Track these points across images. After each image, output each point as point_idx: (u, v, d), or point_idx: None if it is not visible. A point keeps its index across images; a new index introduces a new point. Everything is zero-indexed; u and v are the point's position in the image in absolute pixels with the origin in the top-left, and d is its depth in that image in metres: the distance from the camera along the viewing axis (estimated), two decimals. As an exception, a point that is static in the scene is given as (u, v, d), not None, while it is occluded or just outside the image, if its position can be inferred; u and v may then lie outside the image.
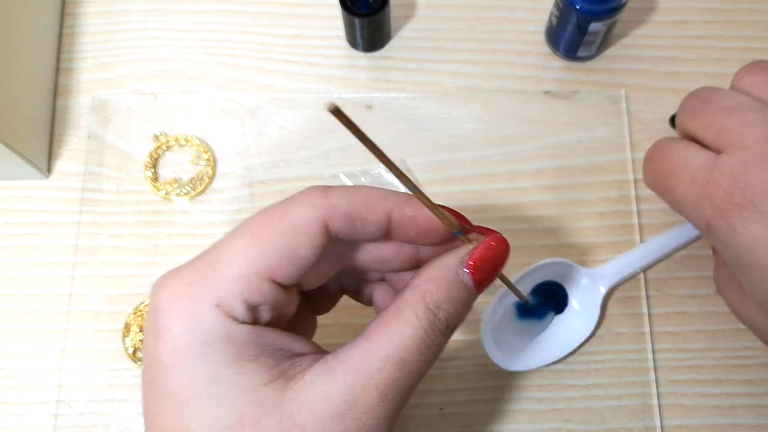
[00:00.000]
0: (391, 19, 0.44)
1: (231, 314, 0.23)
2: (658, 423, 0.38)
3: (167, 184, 0.42)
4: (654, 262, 0.40)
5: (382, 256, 0.27)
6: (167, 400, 0.23)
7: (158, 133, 0.43)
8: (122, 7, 0.46)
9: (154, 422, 0.24)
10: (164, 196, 0.42)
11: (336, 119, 0.19)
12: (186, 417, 0.23)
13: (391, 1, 0.42)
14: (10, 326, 0.39)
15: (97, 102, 0.44)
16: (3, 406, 0.38)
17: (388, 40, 0.45)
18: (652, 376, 0.38)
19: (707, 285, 0.40)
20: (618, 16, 0.40)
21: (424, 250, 0.27)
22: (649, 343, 0.39)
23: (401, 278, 0.28)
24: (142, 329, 0.39)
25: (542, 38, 0.45)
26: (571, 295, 0.39)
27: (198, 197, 0.42)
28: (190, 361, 0.23)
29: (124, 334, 0.39)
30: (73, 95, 0.44)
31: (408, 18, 0.46)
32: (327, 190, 0.24)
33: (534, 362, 0.38)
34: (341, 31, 0.45)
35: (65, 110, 0.44)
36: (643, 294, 0.40)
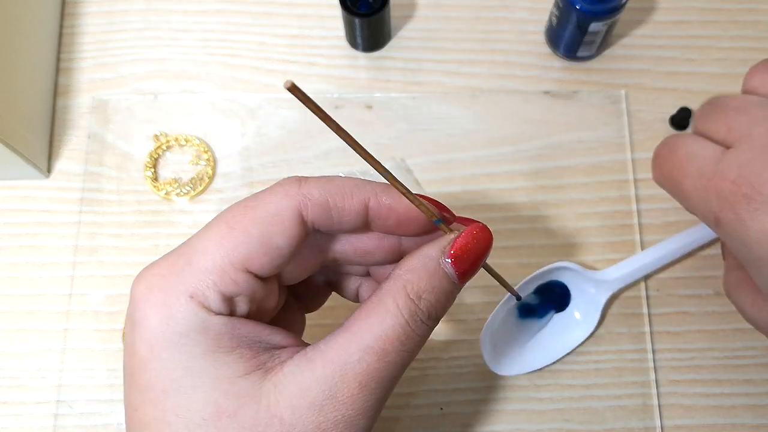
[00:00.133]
0: (391, 19, 0.44)
1: (205, 305, 0.23)
2: (658, 423, 0.38)
3: (167, 184, 0.42)
4: (661, 268, 0.40)
5: (364, 248, 0.27)
6: (145, 393, 0.23)
7: (158, 133, 0.43)
8: (122, 7, 0.46)
9: (133, 415, 0.23)
10: (164, 196, 0.42)
11: (295, 97, 0.19)
12: (163, 409, 0.23)
13: (391, 1, 0.42)
14: (10, 326, 0.39)
15: (97, 102, 0.44)
16: (3, 406, 0.38)
17: (388, 40, 0.45)
18: (652, 376, 0.38)
19: (707, 285, 0.40)
20: (618, 16, 0.40)
21: (407, 242, 0.27)
22: (649, 343, 0.39)
23: (386, 272, 0.28)
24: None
25: (542, 38, 0.45)
26: (573, 296, 0.39)
27: (198, 197, 0.42)
28: (165, 353, 0.23)
29: (123, 334, 0.39)
30: (73, 95, 0.44)
31: (408, 18, 0.46)
32: (302, 181, 0.24)
33: (530, 365, 0.38)
34: (341, 31, 0.45)
35: (65, 110, 0.44)
36: (643, 294, 0.40)
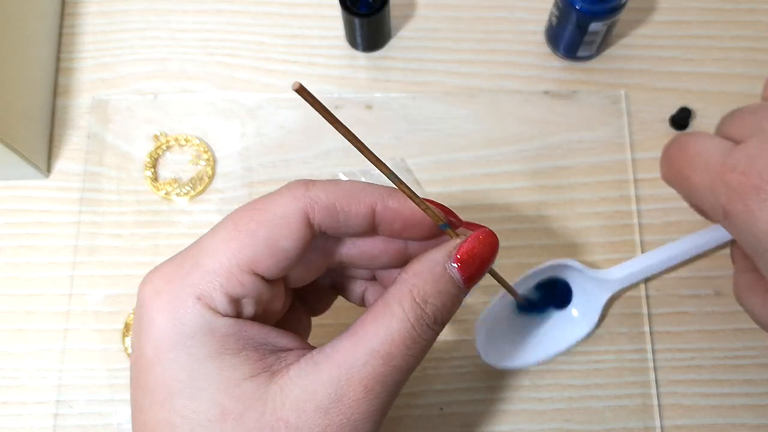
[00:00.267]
0: (391, 19, 0.44)
1: (212, 307, 0.23)
2: (658, 423, 0.38)
3: (167, 184, 0.42)
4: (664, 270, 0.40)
5: (370, 252, 0.27)
6: (151, 394, 0.23)
7: (158, 133, 0.43)
8: (122, 7, 0.46)
9: (139, 416, 0.23)
10: (164, 196, 0.42)
11: (303, 99, 0.19)
12: (169, 411, 0.23)
13: (391, 1, 0.42)
14: (9, 326, 0.39)
15: (97, 102, 0.44)
16: (3, 406, 0.38)
17: (388, 40, 0.45)
18: (652, 376, 0.38)
19: (707, 285, 0.40)
20: (618, 16, 0.40)
21: (413, 246, 0.27)
22: (649, 343, 0.39)
23: (392, 276, 0.28)
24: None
25: (542, 38, 0.45)
26: (574, 294, 0.39)
27: (198, 197, 0.42)
28: (171, 355, 0.23)
29: (123, 334, 0.39)
30: (73, 95, 0.44)
31: (408, 18, 0.46)
32: (309, 184, 0.24)
33: (523, 360, 0.38)
34: (341, 31, 0.45)
35: (65, 110, 0.44)
36: (643, 294, 0.40)
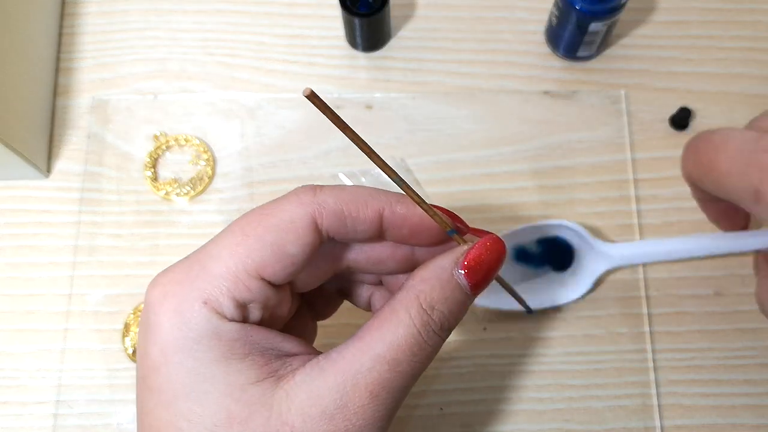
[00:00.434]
0: (391, 19, 0.44)
1: (219, 311, 0.23)
2: (657, 423, 0.38)
3: (167, 184, 0.42)
4: (661, 268, 0.40)
5: (377, 257, 0.27)
6: (156, 397, 0.23)
7: (158, 133, 0.43)
8: (122, 7, 0.46)
9: (144, 420, 0.24)
10: (164, 196, 0.42)
11: (313, 105, 0.19)
12: (174, 414, 0.23)
13: (391, 1, 0.42)
14: (9, 326, 0.39)
15: (97, 102, 0.44)
16: (2, 406, 0.38)
17: (388, 40, 0.45)
18: (652, 376, 0.38)
19: (707, 285, 0.40)
20: (618, 16, 0.40)
21: (420, 252, 0.27)
22: (649, 343, 0.39)
23: (399, 282, 0.28)
24: (142, 329, 0.39)
25: (542, 38, 0.45)
26: (574, 259, 0.39)
27: (198, 197, 0.42)
28: (178, 358, 0.23)
29: (123, 334, 0.39)
30: (73, 95, 0.44)
31: (408, 18, 0.46)
32: (317, 189, 0.25)
33: (504, 303, 0.37)
34: (341, 31, 0.45)
35: (65, 110, 0.44)
36: (643, 294, 0.40)
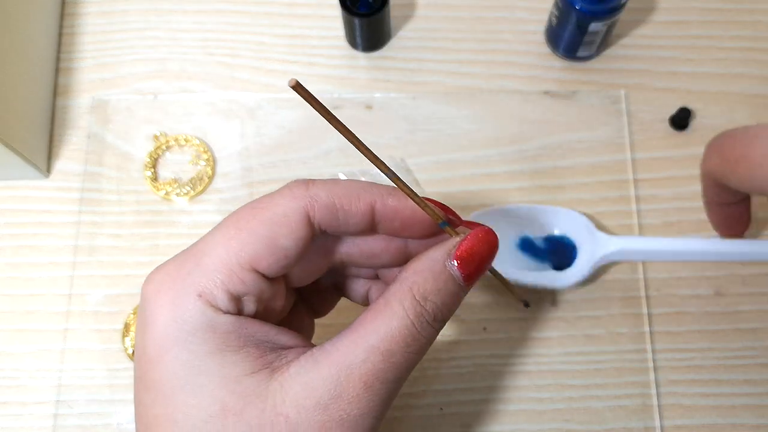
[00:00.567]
0: (391, 19, 0.44)
1: (213, 304, 0.23)
2: (657, 423, 0.38)
3: (167, 184, 0.42)
4: (660, 267, 0.40)
5: (371, 251, 0.27)
6: (153, 391, 0.23)
7: (158, 133, 0.43)
8: (122, 7, 0.46)
9: (142, 413, 0.24)
10: (164, 196, 0.42)
11: (299, 95, 0.19)
12: (170, 407, 0.23)
13: (391, 1, 0.42)
14: (9, 326, 0.39)
15: (97, 102, 0.44)
16: (2, 406, 0.38)
17: (388, 40, 0.45)
18: (652, 376, 0.38)
19: (707, 285, 0.40)
20: (618, 16, 0.40)
21: (413, 244, 0.27)
22: (649, 343, 0.39)
23: (394, 275, 0.28)
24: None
25: (542, 38, 0.45)
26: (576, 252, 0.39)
27: (198, 197, 0.42)
28: (173, 351, 0.23)
29: (123, 334, 0.39)
30: (72, 95, 0.44)
31: (408, 18, 0.46)
32: (309, 183, 0.25)
33: (507, 273, 0.37)
34: (341, 31, 0.45)
35: (65, 110, 0.44)
36: (643, 294, 0.40)
